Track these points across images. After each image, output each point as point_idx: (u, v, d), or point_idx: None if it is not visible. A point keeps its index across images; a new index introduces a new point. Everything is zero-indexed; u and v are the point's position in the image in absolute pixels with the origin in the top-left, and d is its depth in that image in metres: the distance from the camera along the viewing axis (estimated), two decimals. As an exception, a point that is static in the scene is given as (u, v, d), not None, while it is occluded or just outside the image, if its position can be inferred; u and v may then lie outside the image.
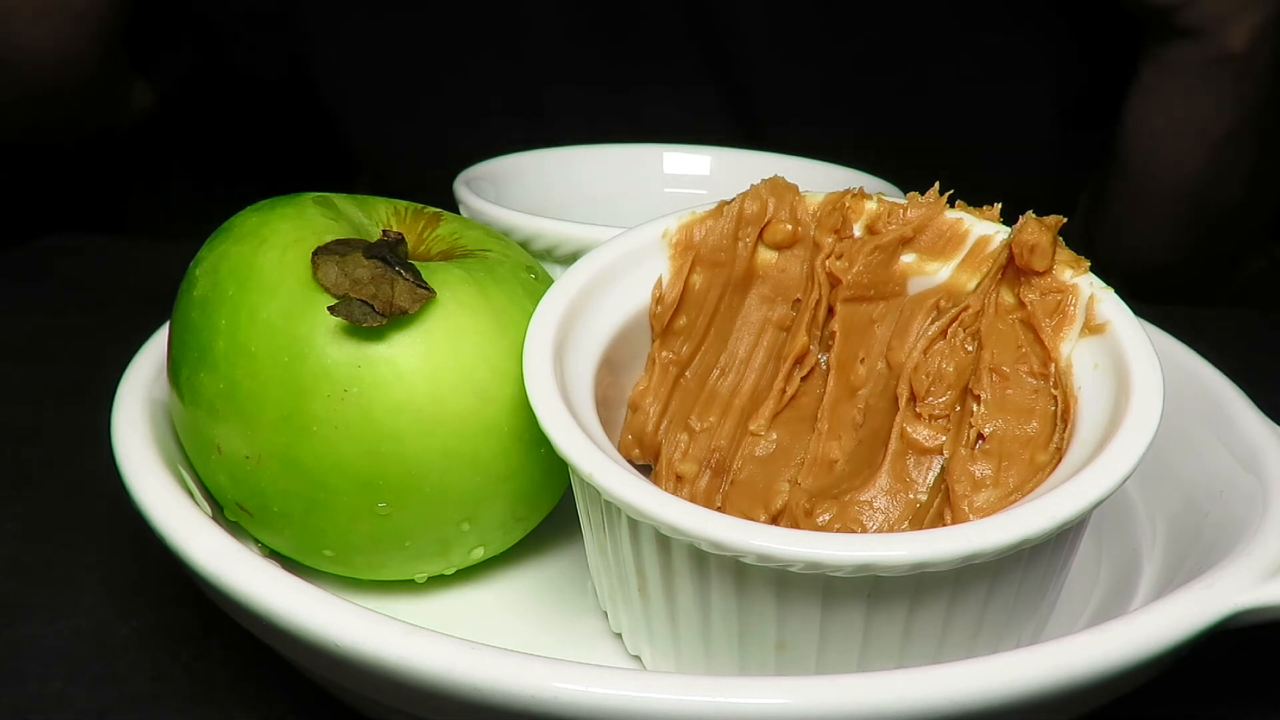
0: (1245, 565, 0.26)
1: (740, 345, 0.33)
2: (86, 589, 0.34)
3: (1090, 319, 0.29)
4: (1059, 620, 0.31)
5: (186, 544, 0.27)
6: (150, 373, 0.33)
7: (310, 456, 0.29)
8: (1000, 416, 0.29)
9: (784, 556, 0.24)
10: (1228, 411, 0.34)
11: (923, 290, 0.32)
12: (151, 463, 0.30)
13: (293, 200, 0.32)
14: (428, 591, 0.33)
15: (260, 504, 0.30)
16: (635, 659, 0.30)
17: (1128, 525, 0.34)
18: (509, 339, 0.30)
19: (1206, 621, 0.25)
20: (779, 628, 0.26)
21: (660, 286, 0.33)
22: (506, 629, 0.32)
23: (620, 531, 0.27)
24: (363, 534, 0.30)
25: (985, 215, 0.32)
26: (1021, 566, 0.26)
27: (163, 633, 0.32)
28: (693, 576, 0.26)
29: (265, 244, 0.30)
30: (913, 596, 0.25)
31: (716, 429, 0.32)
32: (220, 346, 0.29)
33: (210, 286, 0.30)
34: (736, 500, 0.31)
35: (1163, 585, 0.31)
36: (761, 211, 0.33)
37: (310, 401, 0.28)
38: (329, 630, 0.24)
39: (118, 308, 0.44)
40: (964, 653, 0.27)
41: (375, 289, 0.28)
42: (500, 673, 0.23)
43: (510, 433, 0.30)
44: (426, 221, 0.34)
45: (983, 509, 0.28)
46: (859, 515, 0.29)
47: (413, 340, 0.29)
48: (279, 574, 0.26)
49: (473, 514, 0.31)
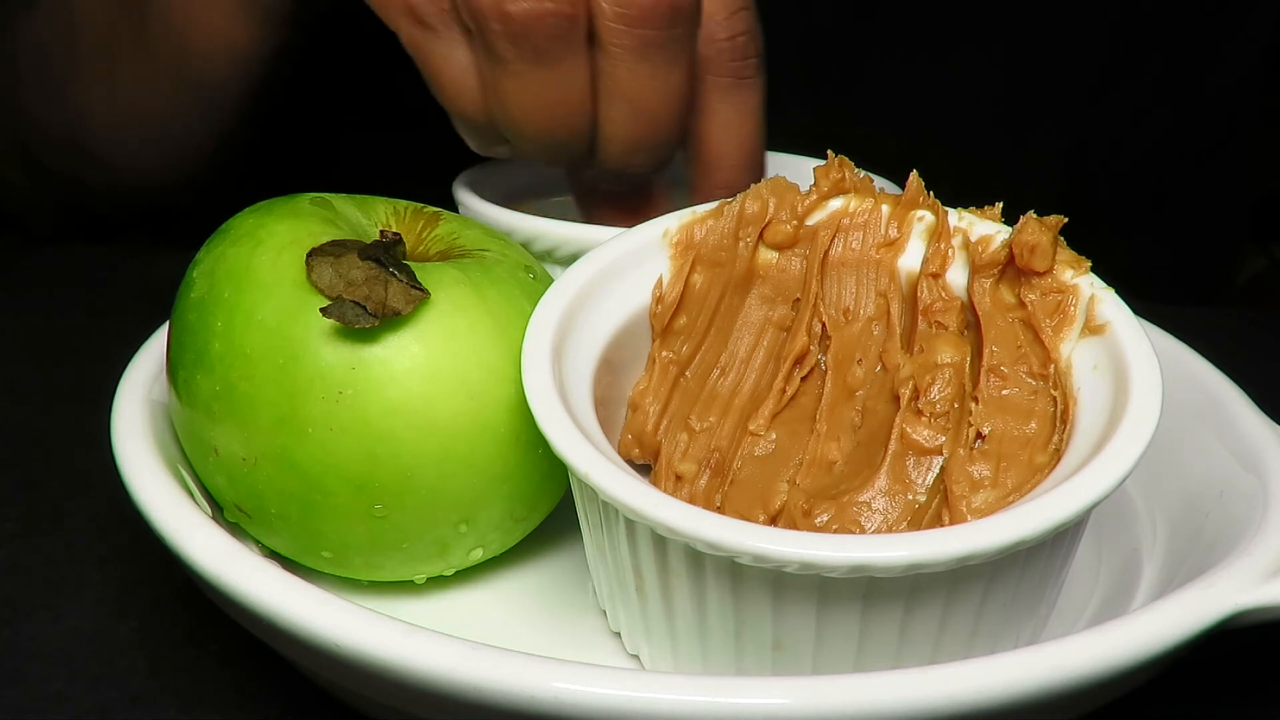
0: (1245, 565, 0.26)
1: (740, 345, 0.33)
2: (86, 589, 0.34)
3: (1090, 319, 0.29)
4: (1059, 620, 0.31)
5: (186, 544, 0.27)
6: (150, 373, 0.33)
7: (306, 458, 0.29)
8: (999, 417, 0.29)
9: (779, 557, 0.24)
10: (1228, 411, 0.34)
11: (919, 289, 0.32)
12: (151, 463, 0.30)
13: (290, 201, 0.32)
14: (427, 592, 0.33)
15: (258, 505, 0.30)
16: (634, 658, 0.30)
17: (1128, 525, 0.34)
18: (505, 339, 0.30)
19: (1206, 621, 0.25)
20: (775, 628, 0.26)
21: (661, 286, 0.33)
22: (506, 629, 0.32)
23: (617, 531, 0.27)
24: (360, 535, 0.30)
25: (986, 215, 0.32)
26: (1018, 568, 0.26)
27: (163, 633, 0.32)
28: (689, 577, 0.26)
29: (261, 246, 0.30)
30: (908, 597, 0.25)
31: (716, 429, 0.32)
32: (216, 348, 0.29)
33: (207, 288, 0.30)
34: (736, 500, 0.31)
35: (1163, 585, 0.31)
36: (762, 211, 0.33)
37: (305, 403, 0.28)
38: (329, 630, 0.24)
39: (118, 308, 0.44)
40: (961, 654, 0.27)
41: (369, 290, 0.28)
42: (500, 673, 0.23)
43: (507, 434, 0.30)
44: (425, 221, 0.34)
45: (981, 510, 0.28)
46: (857, 516, 0.29)
47: (407, 342, 0.29)
48: (279, 574, 0.26)
49: (470, 515, 0.31)
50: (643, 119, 0.37)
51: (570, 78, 0.35)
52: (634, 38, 0.35)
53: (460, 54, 0.36)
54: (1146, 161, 0.68)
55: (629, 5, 0.34)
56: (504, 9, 0.34)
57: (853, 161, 0.34)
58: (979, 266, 0.31)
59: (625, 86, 0.36)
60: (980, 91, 0.64)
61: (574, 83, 0.35)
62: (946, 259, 0.32)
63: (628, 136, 0.37)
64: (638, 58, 0.35)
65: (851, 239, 0.33)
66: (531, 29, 0.34)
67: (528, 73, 0.35)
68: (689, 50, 0.36)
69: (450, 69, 0.36)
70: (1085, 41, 0.64)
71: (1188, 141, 0.68)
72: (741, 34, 0.39)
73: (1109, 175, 0.68)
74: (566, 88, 0.35)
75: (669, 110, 0.37)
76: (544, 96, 0.36)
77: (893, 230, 0.33)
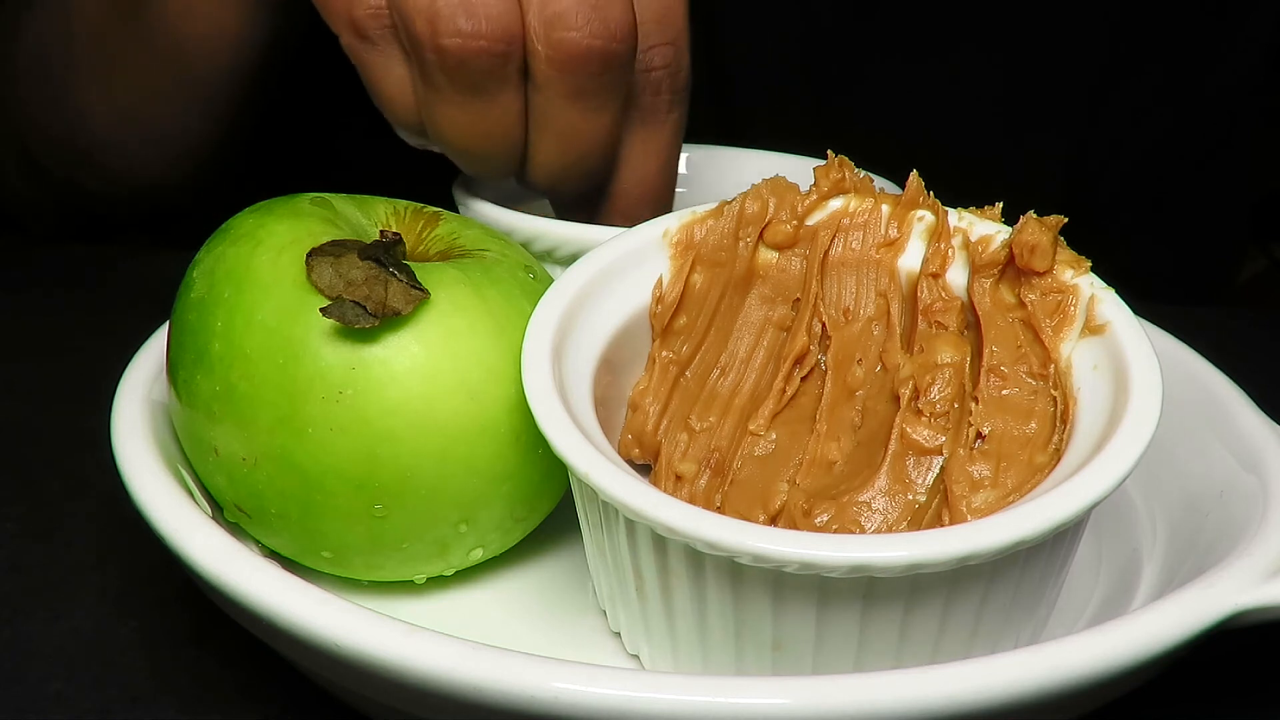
0: (1245, 565, 0.26)
1: (740, 345, 0.33)
2: (86, 589, 0.34)
3: (1090, 319, 0.29)
4: (1059, 620, 0.31)
5: (186, 544, 0.27)
6: (150, 373, 0.33)
7: (306, 458, 0.29)
8: (999, 417, 0.29)
9: (779, 557, 0.24)
10: (1228, 411, 0.34)
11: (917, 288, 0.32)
12: (151, 463, 0.30)
13: (290, 201, 0.32)
14: (427, 592, 0.33)
15: (258, 505, 0.30)
16: (634, 658, 0.30)
17: (1128, 525, 0.34)
18: (505, 339, 0.30)
19: (1206, 621, 0.25)
20: (775, 628, 0.26)
21: (661, 286, 0.33)
22: (506, 629, 0.32)
23: (617, 531, 0.27)
24: (360, 535, 0.30)
25: (986, 215, 0.32)
26: (1018, 568, 0.26)
27: (163, 633, 0.32)
28: (689, 576, 0.26)
29: (261, 246, 0.30)
30: (908, 597, 0.25)
31: (716, 429, 0.32)
32: (216, 348, 0.29)
33: (207, 288, 0.30)
34: (736, 500, 0.31)
35: (1163, 585, 0.31)
36: (762, 211, 0.33)
37: (305, 403, 0.28)
38: (329, 630, 0.24)
39: (118, 308, 0.44)
40: (961, 654, 0.27)
41: (369, 290, 0.28)
42: (500, 673, 0.23)
43: (507, 434, 0.30)
44: (425, 221, 0.34)
45: (981, 510, 0.28)
46: (857, 516, 0.29)
47: (407, 342, 0.29)
48: (279, 574, 0.26)
49: (470, 515, 0.31)
50: (571, 151, 0.38)
51: (502, 108, 0.36)
52: (566, 83, 0.36)
53: (398, 68, 0.37)
54: (1146, 161, 0.68)
55: (562, 50, 0.35)
56: (439, 42, 0.34)
57: (853, 161, 0.34)
58: (979, 266, 0.31)
59: (556, 122, 0.37)
60: (980, 92, 0.64)
61: (505, 113, 0.37)
62: (946, 259, 0.32)
63: (556, 164, 0.38)
64: (570, 99, 0.36)
65: (851, 239, 0.33)
66: (465, 63, 0.35)
67: (460, 101, 0.36)
68: (621, 91, 0.37)
69: (388, 82, 0.37)
70: (1085, 42, 0.64)
71: (1188, 142, 0.68)
72: (659, 69, 0.39)
73: (1109, 175, 0.68)
74: (498, 117, 0.36)
75: (597, 143, 0.38)
76: (475, 123, 0.37)
77: (893, 230, 0.33)
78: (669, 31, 0.38)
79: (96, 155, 0.59)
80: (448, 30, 0.34)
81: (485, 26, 0.34)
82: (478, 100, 0.36)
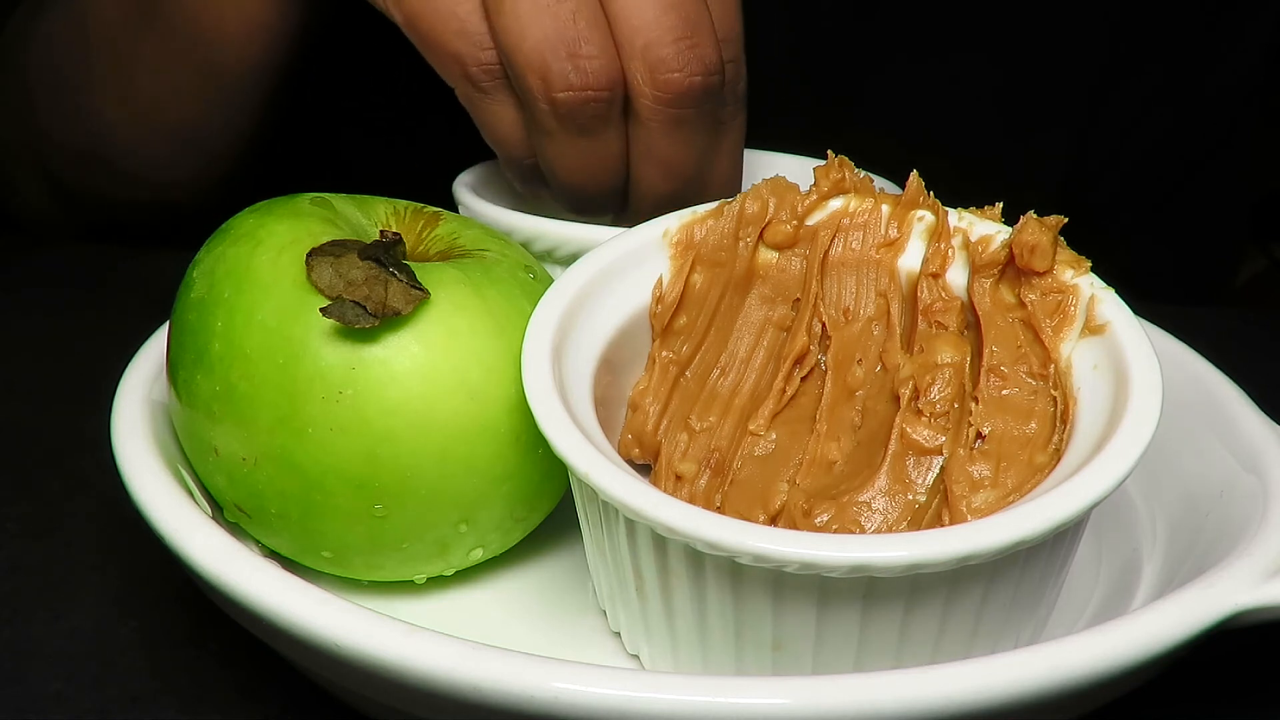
0: (1245, 565, 0.26)
1: (740, 345, 0.33)
2: (86, 589, 0.34)
3: (1090, 319, 0.29)
4: (1059, 620, 0.31)
5: (186, 544, 0.27)
6: (150, 373, 0.33)
7: (306, 459, 0.29)
8: (999, 417, 0.29)
9: (779, 557, 0.24)
10: (1228, 411, 0.34)
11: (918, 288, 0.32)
12: (151, 463, 0.30)
13: (290, 201, 0.32)
14: (427, 592, 0.33)
15: (258, 506, 0.30)
16: (634, 658, 0.30)
17: (1128, 525, 0.34)
18: (505, 339, 0.30)
19: (1206, 621, 0.25)
20: (775, 628, 0.26)
21: (661, 286, 0.33)
22: (506, 629, 0.32)
23: (617, 531, 0.27)
24: (360, 536, 0.30)
25: (986, 215, 0.32)
26: (1018, 568, 0.26)
27: (163, 633, 0.32)
28: (689, 576, 0.26)
29: (261, 246, 0.30)
30: (908, 597, 0.25)
31: (716, 429, 0.32)
32: (216, 348, 0.29)
33: (207, 288, 0.30)
34: (736, 500, 0.31)
35: (1163, 585, 0.31)
36: (762, 211, 0.33)
37: (305, 404, 0.28)
38: (329, 630, 0.24)
39: (118, 308, 0.44)
40: (961, 654, 0.27)
41: (369, 290, 0.28)
42: (500, 673, 0.23)
43: (507, 434, 0.30)
44: (425, 221, 0.34)
45: (981, 510, 0.28)
46: (857, 516, 0.29)
47: (407, 342, 0.29)
48: (279, 574, 0.26)
49: (470, 516, 0.31)
50: (675, 178, 0.40)
51: (607, 146, 0.39)
52: (669, 116, 0.38)
53: (510, 112, 0.40)
54: (1146, 162, 0.68)
55: (669, 90, 0.37)
56: (552, 95, 0.37)
57: (853, 161, 0.34)
58: (979, 266, 0.31)
59: (660, 153, 0.39)
60: (980, 92, 0.64)
61: (610, 149, 0.39)
62: (946, 259, 0.32)
63: (662, 191, 0.41)
64: (671, 130, 0.39)
65: (851, 239, 0.33)
66: (575, 112, 0.37)
67: (569, 140, 0.39)
68: (714, 116, 0.40)
69: (502, 124, 0.40)
70: (1085, 42, 0.64)
71: (1188, 142, 0.68)
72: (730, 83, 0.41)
73: (1109, 175, 0.68)
74: (603, 154, 0.39)
75: (694, 166, 0.40)
76: (583, 160, 0.39)
77: (893, 230, 0.33)
78: (731, 48, 0.40)
79: (119, 163, 0.58)
80: (560, 85, 0.37)
81: (593, 79, 0.37)
82: (585, 139, 0.39)
